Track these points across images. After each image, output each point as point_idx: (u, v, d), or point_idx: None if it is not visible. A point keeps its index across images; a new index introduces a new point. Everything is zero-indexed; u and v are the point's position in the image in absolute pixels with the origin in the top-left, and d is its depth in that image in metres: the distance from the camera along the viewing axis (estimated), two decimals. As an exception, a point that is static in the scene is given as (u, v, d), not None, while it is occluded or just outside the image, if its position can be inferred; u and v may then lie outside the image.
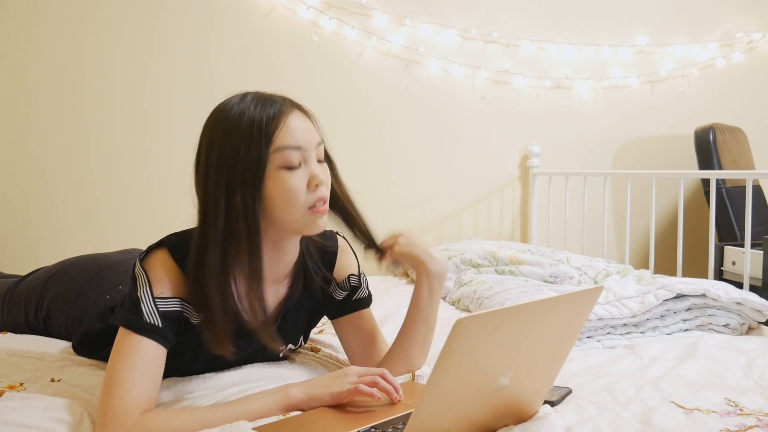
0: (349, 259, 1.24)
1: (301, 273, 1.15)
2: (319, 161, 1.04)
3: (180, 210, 2.60)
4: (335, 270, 1.21)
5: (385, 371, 1.03)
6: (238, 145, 0.97)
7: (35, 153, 2.55)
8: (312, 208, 1.02)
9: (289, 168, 0.99)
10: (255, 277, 1.01)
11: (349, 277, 1.22)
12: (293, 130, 1.00)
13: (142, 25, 2.60)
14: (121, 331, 0.98)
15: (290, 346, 1.23)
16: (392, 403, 1.01)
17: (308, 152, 1.02)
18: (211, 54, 2.66)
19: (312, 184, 1.01)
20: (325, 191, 1.04)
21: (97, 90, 2.58)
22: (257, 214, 0.99)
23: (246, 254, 0.99)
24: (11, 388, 1.09)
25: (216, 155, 0.99)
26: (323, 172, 1.04)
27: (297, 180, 1.00)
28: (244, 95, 1.03)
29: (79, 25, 2.55)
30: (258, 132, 0.97)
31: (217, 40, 2.66)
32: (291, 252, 1.11)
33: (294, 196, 1.00)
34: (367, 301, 1.24)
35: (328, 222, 1.09)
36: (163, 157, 2.64)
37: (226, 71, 2.66)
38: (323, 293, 1.19)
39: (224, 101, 1.03)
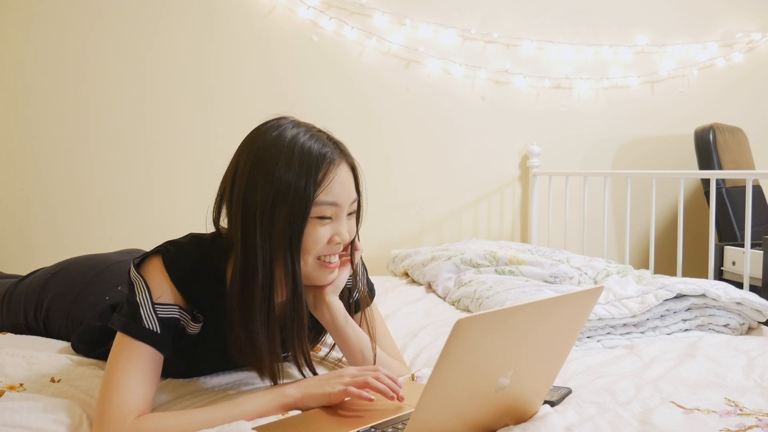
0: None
1: None
2: (349, 214, 1.07)
3: (179, 210, 2.62)
4: None
5: (380, 370, 1.01)
6: (289, 184, 0.98)
7: (35, 153, 2.55)
8: (322, 260, 1.05)
9: (321, 218, 1.02)
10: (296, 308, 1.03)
11: None
12: (335, 187, 1.02)
13: (142, 26, 2.60)
14: (119, 335, 0.98)
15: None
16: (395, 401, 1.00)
17: (342, 208, 1.04)
18: (211, 54, 2.66)
19: (333, 241, 1.04)
20: (340, 249, 1.07)
21: (97, 90, 2.58)
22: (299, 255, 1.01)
23: (290, 284, 1.01)
24: (11, 388, 1.09)
25: (262, 184, 0.99)
26: (350, 227, 1.07)
27: (323, 232, 1.03)
28: (296, 126, 1.03)
29: (79, 25, 2.55)
30: (307, 178, 0.99)
31: (217, 40, 2.66)
32: None
33: (314, 245, 1.02)
34: (359, 304, 1.21)
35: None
36: (162, 157, 2.64)
37: (226, 71, 2.66)
38: None
39: (272, 127, 1.03)
